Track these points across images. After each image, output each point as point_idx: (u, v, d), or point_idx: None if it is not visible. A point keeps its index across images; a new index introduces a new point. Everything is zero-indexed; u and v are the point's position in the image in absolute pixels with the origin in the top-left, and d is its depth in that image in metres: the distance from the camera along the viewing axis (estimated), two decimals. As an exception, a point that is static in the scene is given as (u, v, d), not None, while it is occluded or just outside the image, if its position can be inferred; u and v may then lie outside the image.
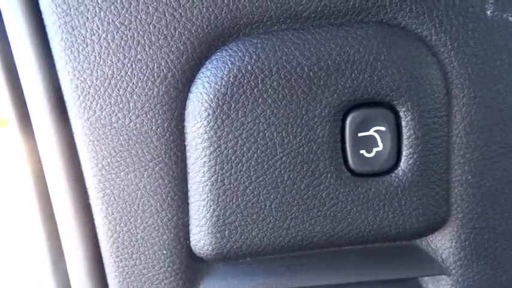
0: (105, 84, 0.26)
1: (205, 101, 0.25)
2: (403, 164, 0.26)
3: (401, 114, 0.26)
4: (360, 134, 0.26)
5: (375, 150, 0.26)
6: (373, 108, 0.26)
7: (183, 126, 0.26)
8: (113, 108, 0.26)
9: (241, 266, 0.29)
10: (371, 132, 0.26)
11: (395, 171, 0.26)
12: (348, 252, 0.29)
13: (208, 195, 0.27)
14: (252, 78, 0.25)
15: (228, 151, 0.26)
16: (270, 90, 0.25)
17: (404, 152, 0.26)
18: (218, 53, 0.25)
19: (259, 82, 0.25)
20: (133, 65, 0.25)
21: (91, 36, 0.25)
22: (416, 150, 0.26)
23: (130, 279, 0.29)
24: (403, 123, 0.26)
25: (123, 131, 0.26)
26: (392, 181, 0.26)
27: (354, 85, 0.25)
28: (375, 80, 0.25)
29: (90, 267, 0.30)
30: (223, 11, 0.25)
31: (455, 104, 0.26)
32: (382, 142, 0.26)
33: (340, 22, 0.25)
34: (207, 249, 0.27)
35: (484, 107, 0.26)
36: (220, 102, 0.25)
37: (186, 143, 0.27)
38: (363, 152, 0.26)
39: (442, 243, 0.29)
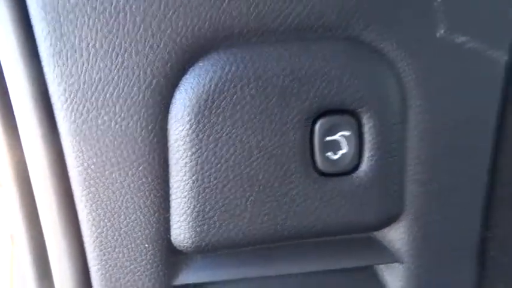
0: (93, 89, 0.27)
1: (188, 106, 0.28)
2: (364, 165, 0.29)
3: (364, 120, 0.29)
4: (327, 138, 0.29)
5: (340, 152, 0.29)
6: (339, 115, 0.29)
7: (166, 129, 0.28)
8: (99, 111, 0.28)
9: (218, 258, 0.31)
10: (337, 136, 0.29)
11: (357, 172, 0.30)
12: (314, 244, 0.32)
13: (189, 192, 0.29)
14: (232, 86, 0.27)
15: (208, 152, 0.28)
16: (247, 97, 0.28)
17: (366, 154, 0.29)
18: (201, 62, 0.27)
19: (238, 90, 0.27)
20: (120, 71, 0.27)
21: (79, 43, 0.27)
22: (376, 153, 0.29)
23: (113, 271, 0.30)
24: (365, 129, 0.29)
25: (109, 132, 0.28)
26: (354, 180, 0.30)
27: (322, 95, 0.28)
28: (341, 91, 0.28)
29: (73, 262, 0.31)
30: (206, 24, 0.27)
31: (410, 113, 0.29)
32: (346, 145, 0.29)
33: (313, 37, 0.28)
34: (187, 243, 0.30)
35: (435, 116, 0.29)
36: (201, 107, 0.28)
37: (168, 144, 0.28)
38: (329, 154, 0.29)
39: (396, 236, 0.32)
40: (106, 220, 0.29)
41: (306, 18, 0.27)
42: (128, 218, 0.29)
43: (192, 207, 0.29)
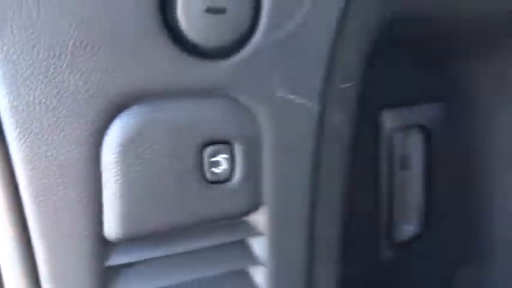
0: (43, 131, 0.37)
1: (116, 141, 0.39)
2: (236, 175, 0.44)
3: (235, 147, 0.44)
4: (212, 159, 0.43)
5: (221, 168, 0.44)
6: (220, 144, 0.43)
7: (100, 157, 0.40)
8: (48, 146, 0.38)
9: (140, 243, 0.44)
10: (219, 158, 0.43)
11: (232, 180, 0.44)
12: (206, 228, 0.46)
13: (118, 201, 0.41)
14: (149, 128, 0.40)
15: (131, 173, 0.40)
16: (159, 136, 0.40)
17: (237, 169, 0.44)
18: (127, 111, 0.39)
19: (152, 131, 0.40)
20: (65, 120, 0.37)
21: (33, 101, 0.36)
22: (243, 168, 0.44)
23: (57, 260, 0.41)
24: (236, 153, 0.44)
25: (55, 162, 0.38)
26: (230, 185, 0.44)
27: (209, 132, 0.42)
28: (221, 130, 0.42)
29: (23, 258, 0.41)
30: (129, 87, 0.39)
31: (263, 142, 0.44)
32: (225, 163, 0.44)
33: (202, 95, 0.42)
34: (116, 235, 0.42)
35: (277, 142, 0.46)
36: (126, 142, 0.40)
37: (101, 168, 0.40)
38: (214, 169, 0.43)
39: (260, 218, 0.46)
40: (52, 225, 0.40)
41: (197, 83, 0.41)
42: (69, 221, 0.40)
43: (120, 211, 0.41)
